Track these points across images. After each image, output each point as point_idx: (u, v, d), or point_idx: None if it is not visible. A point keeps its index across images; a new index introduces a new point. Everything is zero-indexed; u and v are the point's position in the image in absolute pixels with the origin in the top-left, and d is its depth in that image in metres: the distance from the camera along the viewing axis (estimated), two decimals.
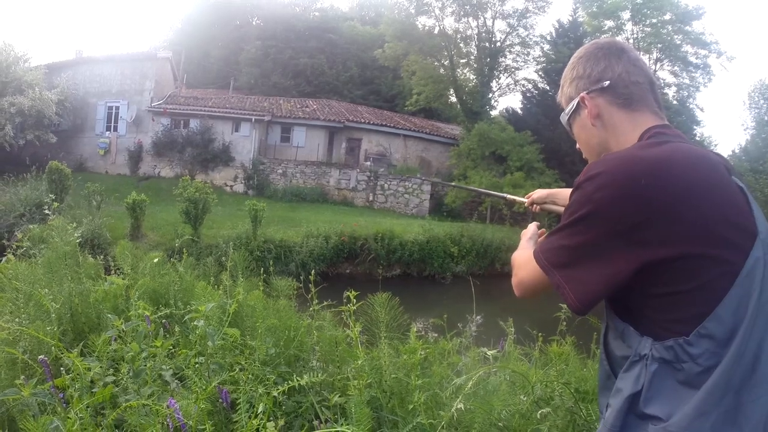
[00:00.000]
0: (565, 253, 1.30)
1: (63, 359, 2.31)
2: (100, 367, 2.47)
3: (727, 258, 1.16)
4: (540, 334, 3.60)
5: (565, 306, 2.97)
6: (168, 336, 2.80)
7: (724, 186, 1.23)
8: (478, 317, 3.94)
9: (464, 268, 18.90)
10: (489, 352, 2.50)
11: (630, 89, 1.44)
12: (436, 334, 3.92)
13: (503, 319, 3.83)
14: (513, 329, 3.67)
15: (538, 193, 2.12)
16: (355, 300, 2.90)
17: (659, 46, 28.32)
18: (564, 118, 1.60)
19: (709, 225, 1.16)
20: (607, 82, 1.44)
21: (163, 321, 2.78)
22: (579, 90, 1.51)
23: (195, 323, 2.50)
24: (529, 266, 1.42)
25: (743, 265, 1.16)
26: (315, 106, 32.38)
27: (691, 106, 31.24)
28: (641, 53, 27.80)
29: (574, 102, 1.53)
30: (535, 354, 3.16)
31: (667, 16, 27.78)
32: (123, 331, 2.62)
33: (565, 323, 3.29)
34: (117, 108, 28.79)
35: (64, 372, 2.18)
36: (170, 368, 2.45)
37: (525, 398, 2.37)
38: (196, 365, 2.41)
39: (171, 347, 2.75)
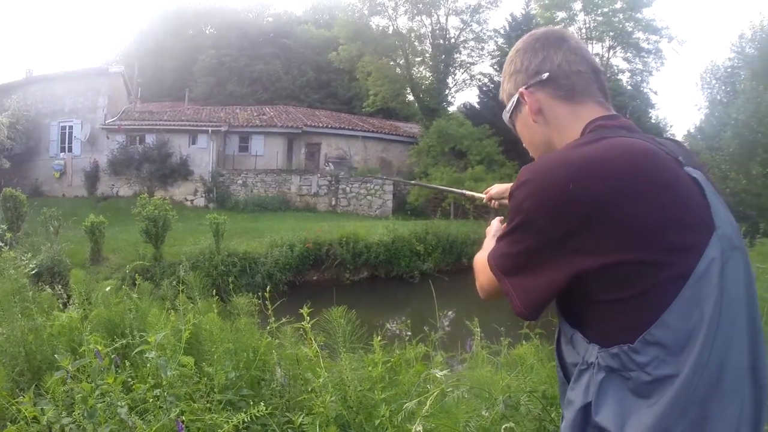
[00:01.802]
0: (510, 260, 1.26)
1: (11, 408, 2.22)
2: (54, 409, 2.40)
3: (674, 261, 1.08)
4: (503, 329, 3.61)
5: None
6: (119, 371, 2.72)
7: (672, 181, 1.14)
8: (450, 312, 3.96)
9: (431, 265, 18.87)
10: (439, 374, 2.47)
11: (571, 80, 1.36)
12: (410, 333, 3.89)
13: (472, 313, 3.82)
14: (479, 329, 3.66)
15: (496, 189, 2.10)
16: (309, 315, 2.86)
17: (611, 34, 28.81)
18: (506, 115, 1.53)
19: (651, 228, 1.08)
20: (546, 74, 1.36)
21: (113, 356, 2.69)
22: (518, 85, 1.43)
23: (147, 355, 2.42)
24: (486, 272, 1.36)
25: (695, 268, 1.07)
26: (272, 114, 32.08)
27: (645, 90, 32.20)
28: (594, 42, 28.38)
29: (514, 98, 1.44)
30: (502, 359, 3.15)
31: (618, 5, 28.25)
32: (72, 370, 2.53)
33: None
34: (70, 127, 27.97)
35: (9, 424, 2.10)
36: (125, 404, 2.37)
37: (487, 413, 2.34)
38: (152, 399, 2.35)
39: (130, 379, 2.68)
